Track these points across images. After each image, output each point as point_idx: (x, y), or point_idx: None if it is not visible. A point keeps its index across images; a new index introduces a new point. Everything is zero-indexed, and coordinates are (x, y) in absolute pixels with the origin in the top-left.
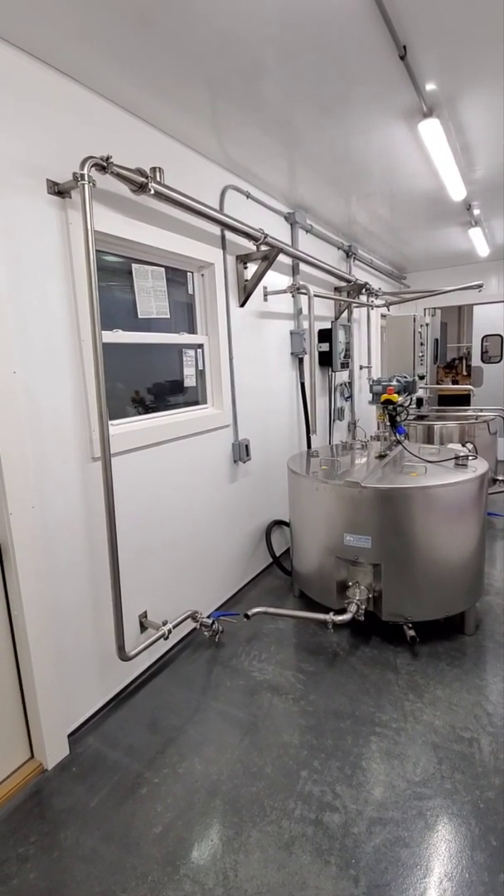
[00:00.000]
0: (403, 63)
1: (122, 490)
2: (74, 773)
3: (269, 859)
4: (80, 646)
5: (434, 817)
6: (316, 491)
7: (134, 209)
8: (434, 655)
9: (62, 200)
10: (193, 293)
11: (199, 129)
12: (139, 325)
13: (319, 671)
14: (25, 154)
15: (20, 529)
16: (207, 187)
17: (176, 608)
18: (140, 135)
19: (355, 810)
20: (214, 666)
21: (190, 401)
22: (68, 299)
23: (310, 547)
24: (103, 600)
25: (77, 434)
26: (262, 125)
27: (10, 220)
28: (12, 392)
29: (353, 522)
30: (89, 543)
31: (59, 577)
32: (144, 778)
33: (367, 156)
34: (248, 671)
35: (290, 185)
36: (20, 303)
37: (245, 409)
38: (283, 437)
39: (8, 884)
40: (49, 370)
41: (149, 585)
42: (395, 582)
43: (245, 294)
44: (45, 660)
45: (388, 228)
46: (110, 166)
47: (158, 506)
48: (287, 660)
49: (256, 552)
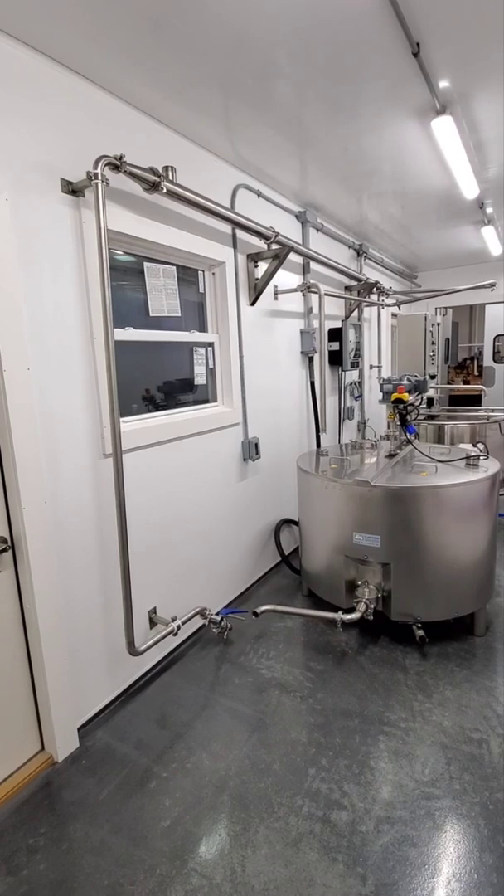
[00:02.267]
0: (417, 60)
1: (133, 487)
2: (84, 765)
3: (277, 855)
4: (90, 640)
5: (442, 817)
6: (325, 490)
7: (146, 208)
8: (443, 656)
9: (76, 199)
10: (204, 292)
11: (211, 129)
12: (150, 323)
13: (328, 670)
14: (40, 153)
15: (33, 524)
16: (219, 186)
17: (185, 605)
18: (153, 134)
19: (363, 809)
20: (223, 663)
21: (200, 399)
22: (81, 297)
23: (319, 546)
24: (113, 596)
25: (88, 430)
26: (274, 124)
27: (25, 218)
28: (26, 388)
29: (363, 521)
30: (100, 539)
31: (71, 571)
32: (153, 772)
33: (380, 154)
34: (257, 668)
35: (302, 184)
36: (34, 300)
37: (255, 408)
38: (293, 436)
39: (18, 874)
40: (62, 367)
41: (158, 582)
42: (404, 582)
43: (256, 293)
44: (57, 653)
45: (400, 227)
46: (123, 165)
47: (168, 503)
48: (295, 658)
49: (265, 550)
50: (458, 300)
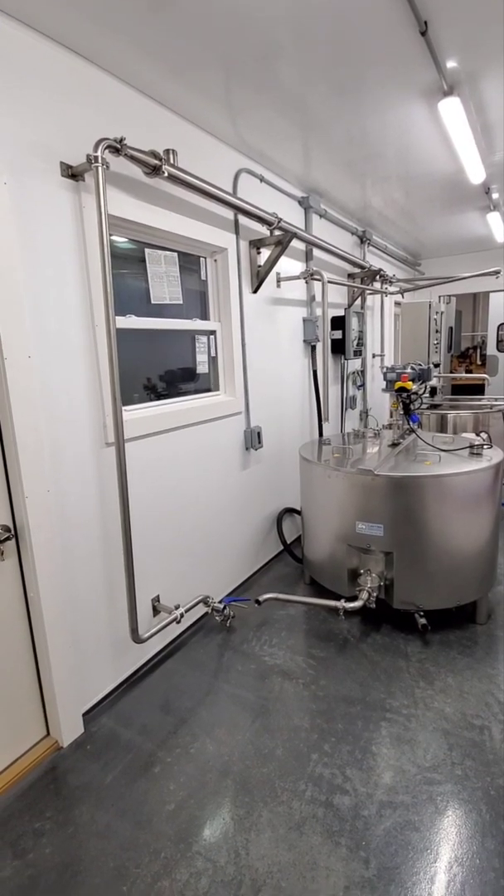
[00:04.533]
0: (424, 39)
1: (135, 476)
2: (89, 751)
3: (280, 839)
4: (94, 627)
5: (444, 803)
6: (328, 479)
7: (147, 193)
8: (445, 644)
9: (76, 184)
10: (206, 279)
11: (214, 111)
12: (152, 310)
13: (330, 657)
14: (38, 136)
15: (36, 513)
16: (221, 170)
17: (188, 593)
18: (154, 117)
19: (365, 793)
20: (226, 650)
21: (202, 388)
22: (82, 284)
23: (321, 534)
24: (117, 584)
25: (91, 419)
26: (277, 107)
27: (23, 203)
28: (28, 376)
29: (366, 510)
30: (103, 528)
31: (74, 560)
32: (157, 757)
33: (384, 137)
34: (259, 656)
35: (305, 169)
36: (34, 287)
37: (257, 397)
38: (295, 425)
39: (24, 858)
40: (63, 355)
41: (161, 570)
42: (407, 570)
43: (258, 280)
44: (61, 640)
45: (404, 213)
46: (124, 148)
47: (171, 492)
48: (297, 645)
49: (267, 539)
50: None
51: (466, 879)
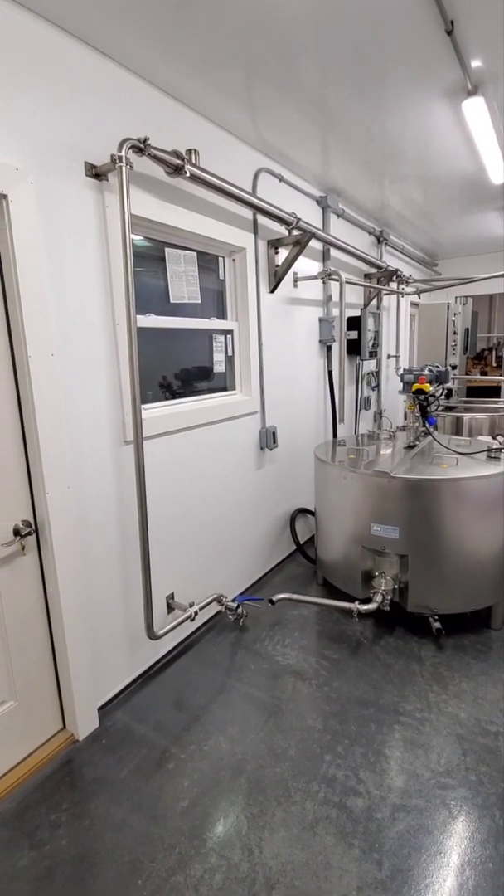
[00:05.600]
0: (450, 38)
1: (151, 474)
2: (104, 745)
3: (293, 838)
4: (110, 623)
5: (458, 807)
6: (343, 480)
7: (168, 192)
8: (460, 648)
9: (99, 183)
10: (224, 278)
11: (235, 111)
12: (170, 309)
13: (343, 659)
14: (64, 135)
15: (57, 509)
16: (241, 170)
17: (201, 591)
18: (175, 116)
19: (379, 796)
20: (238, 649)
21: (218, 387)
22: (104, 283)
23: (335, 536)
24: (133, 580)
25: (110, 417)
26: (298, 106)
27: (49, 202)
28: (51, 374)
29: (381, 512)
30: (120, 525)
31: (92, 556)
32: (171, 753)
33: (404, 137)
34: (272, 655)
35: (323, 168)
36: (58, 286)
37: (273, 397)
38: (310, 426)
39: (41, 849)
40: (84, 353)
41: (176, 568)
42: (421, 573)
43: (276, 280)
44: (78, 635)
45: (422, 213)
46: (147, 148)
47: (186, 490)
48: (310, 646)
49: (281, 539)
50: (479, 289)
51: (479, 883)
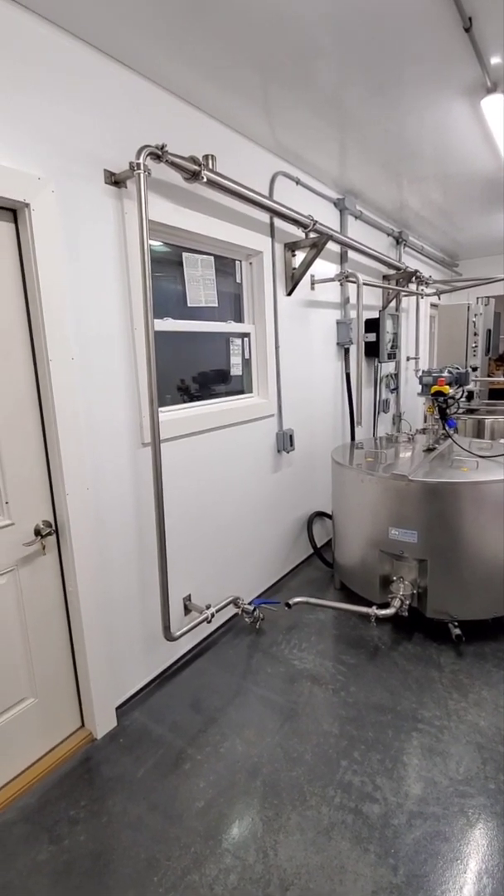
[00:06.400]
0: (468, 35)
1: (169, 476)
2: (122, 744)
3: (309, 842)
4: (128, 623)
5: (476, 816)
6: (361, 483)
7: (185, 197)
8: (480, 656)
9: (118, 190)
10: (241, 282)
11: (251, 114)
12: (187, 313)
13: (360, 664)
14: (84, 143)
15: (76, 509)
16: (257, 174)
17: (218, 593)
18: (192, 121)
19: (395, 803)
20: (255, 652)
21: (235, 390)
22: (122, 288)
23: (353, 539)
24: (150, 581)
25: (128, 420)
26: (314, 108)
27: (69, 210)
28: (71, 378)
29: (399, 516)
30: (138, 526)
31: (110, 557)
32: (188, 754)
33: (422, 137)
34: (289, 659)
35: (341, 170)
36: (78, 291)
37: (290, 399)
38: (327, 429)
39: (60, 843)
40: (103, 357)
41: (193, 570)
42: (441, 579)
43: (293, 282)
44: (97, 635)
45: (441, 213)
46: (165, 154)
47: (203, 493)
48: (327, 651)
49: (297, 542)
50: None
51: (497, 890)
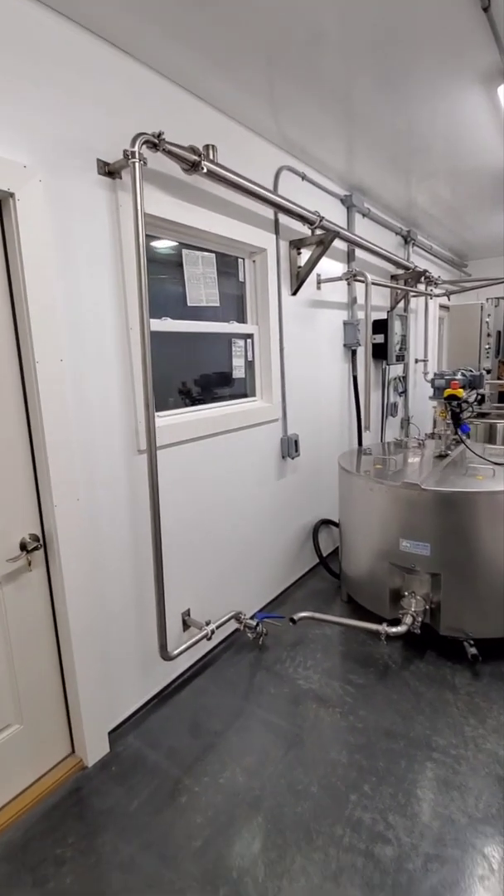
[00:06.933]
0: (487, 16)
1: (167, 484)
2: (114, 772)
3: (315, 889)
4: (122, 642)
5: (498, 859)
6: (370, 491)
7: (185, 191)
8: (498, 677)
9: (112, 182)
10: (244, 280)
11: (255, 105)
12: (188, 313)
13: (369, 684)
14: (75, 131)
15: (65, 521)
16: (261, 168)
17: (219, 606)
18: (193, 112)
19: (410, 844)
20: (258, 670)
21: (238, 393)
22: (117, 285)
23: (361, 550)
24: (146, 597)
25: (123, 425)
26: (320, 99)
27: (59, 201)
28: (59, 380)
29: (411, 527)
30: (133, 538)
31: (103, 571)
32: (184, 785)
33: (433, 130)
34: (293, 678)
35: (348, 166)
36: (69, 288)
37: (295, 403)
38: (334, 433)
39: (44, 886)
40: (96, 359)
41: (192, 583)
42: (455, 594)
43: (298, 281)
44: (88, 654)
45: (451, 211)
46: (162, 143)
47: (204, 501)
48: (334, 669)
49: (303, 552)
50: None
51: None
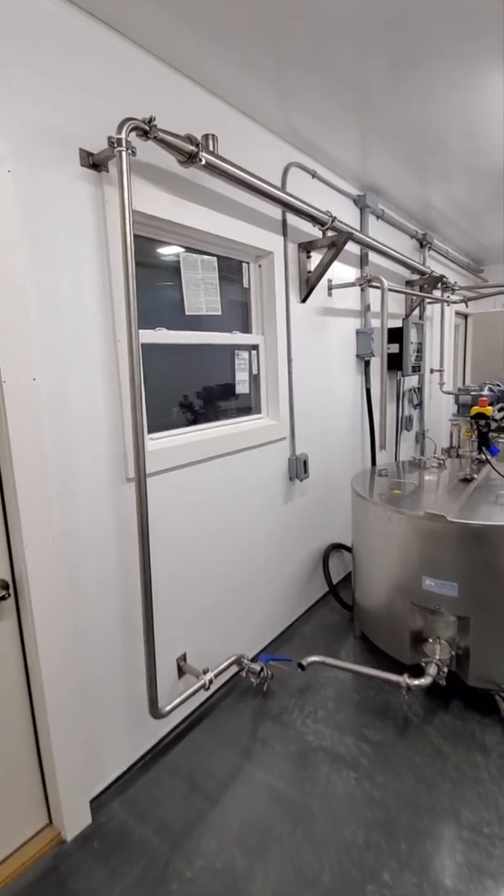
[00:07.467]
0: None
1: (162, 513)
2: (96, 849)
3: None
4: (106, 696)
5: None
6: (388, 521)
7: (182, 187)
8: None
9: (97, 175)
10: (249, 287)
11: (260, 92)
12: (186, 323)
13: (387, 742)
14: (52, 117)
15: (37, 564)
16: (268, 164)
17: (219, 646)
18: (191, 99)
19: None
20: (261, 721)
21: (241, 409)
22: (102, 291)
23: (377, 585)
24: (135, 646)
25: (110, 450)
26: (330, 88)
27: (35, 197)
28: (31, 402)
29: (435, 564)
30: (121, 579)
31: (85, 618)
32: (175, 868)
33: (450, 123)
34: (301, 733)
35: (361, 163)
36: (45, 296)
37: (304, 420)
38: (345, 451)
39: None
40: (78, 375)
41: (189, 622)
42: (486, 641)
43: (307, 287)
44: (65, 714)
45: (468, 213)
46: (153, 130)
47: (203, 530)
48: (347, 722)
49: (312, 580)
50: None
51: None
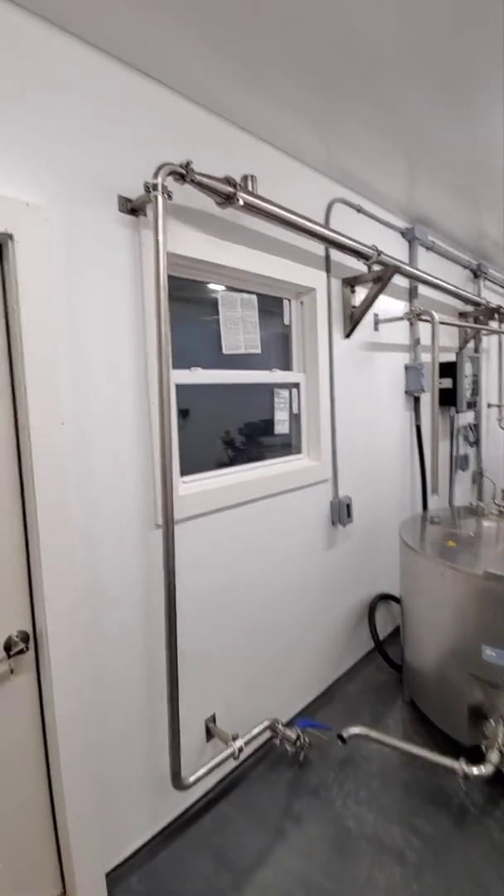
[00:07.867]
0: None
1: (194, 561)
2: None
3: None
4: (127, 761)
5: None
6: (441, 578)
7: (220, 227)
8: None
9: (136, 219)
10: (289, 323)
11: (302, 131)
12: (224, 361)
13: (441, 835)
14: (92, 164)
15: (57, 618)
16: (310, 201)
17: (252, 708)
18: (229, 140)
19: None
20: (296, 796)
21: (281, 449)
22: (136, 335)
23: (429, 648)
24: (159, 708)
25: (141, 496)
26: (374, 119)
27: (71, 243)
28: (59, 448)
29: (496, 630)
30: (147, 635)
31: (107, 675)
32: None
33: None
34: (340, 815)
35: (409, 196)
36: (79, 340)
37: (347, 460)
38: (394, 491)
39: None
40: (109, 419)
41: (220, 681)
42: None
43: (352, 323)
44: (82, 779)
45: None
46: (190, 173)
47: (238, 580)
48: (394, 807)
49: (356, 634)
50: None
51: None
